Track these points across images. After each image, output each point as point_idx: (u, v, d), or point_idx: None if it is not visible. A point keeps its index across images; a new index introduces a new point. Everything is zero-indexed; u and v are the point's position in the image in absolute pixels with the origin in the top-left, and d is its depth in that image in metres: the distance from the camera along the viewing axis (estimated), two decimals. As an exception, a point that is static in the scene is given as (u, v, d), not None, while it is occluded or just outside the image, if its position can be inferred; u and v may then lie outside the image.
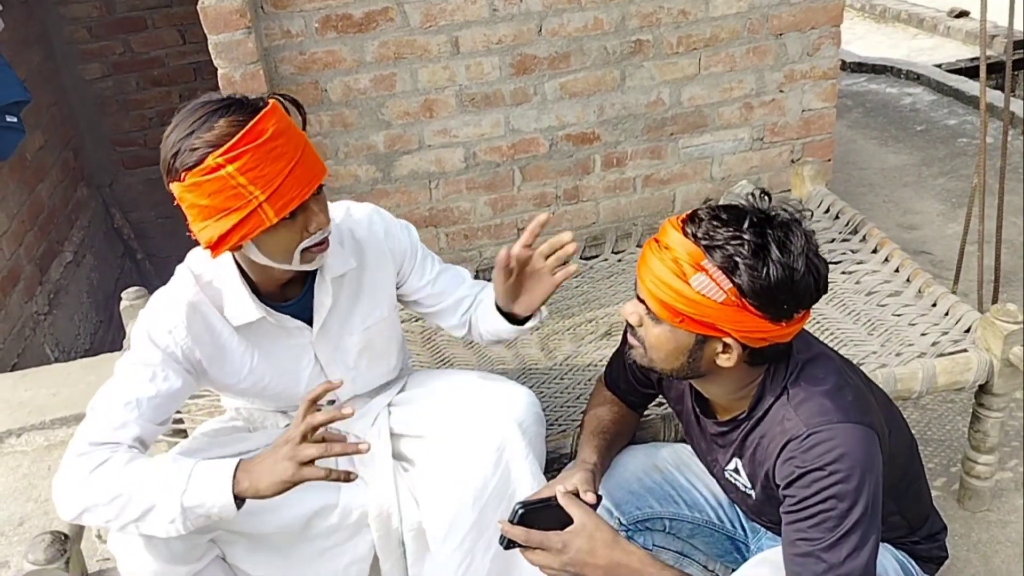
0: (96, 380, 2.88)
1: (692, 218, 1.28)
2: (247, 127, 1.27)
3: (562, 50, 2.76)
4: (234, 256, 1.46)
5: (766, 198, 1.30)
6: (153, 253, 4.88)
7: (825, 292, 1.30)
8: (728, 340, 1.28)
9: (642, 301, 1.32)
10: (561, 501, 1.34)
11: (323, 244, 1.43)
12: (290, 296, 1.53)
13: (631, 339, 1.38)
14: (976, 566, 1.99)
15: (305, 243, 1.39)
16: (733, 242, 1.22)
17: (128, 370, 1.43)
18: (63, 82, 4.47)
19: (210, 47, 2.40)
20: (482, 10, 2.64)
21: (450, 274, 1.72)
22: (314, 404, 1.32)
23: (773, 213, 1.27)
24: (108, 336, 4.21)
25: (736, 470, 1.47)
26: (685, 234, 1.26)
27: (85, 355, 3.68)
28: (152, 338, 1.43)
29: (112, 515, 1.32)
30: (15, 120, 3.27)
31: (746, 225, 1.23)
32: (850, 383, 1.35)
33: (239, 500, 1.31)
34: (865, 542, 1.27)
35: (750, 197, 1.30)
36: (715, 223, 1.24)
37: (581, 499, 1.38)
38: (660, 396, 1.67)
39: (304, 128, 1.39)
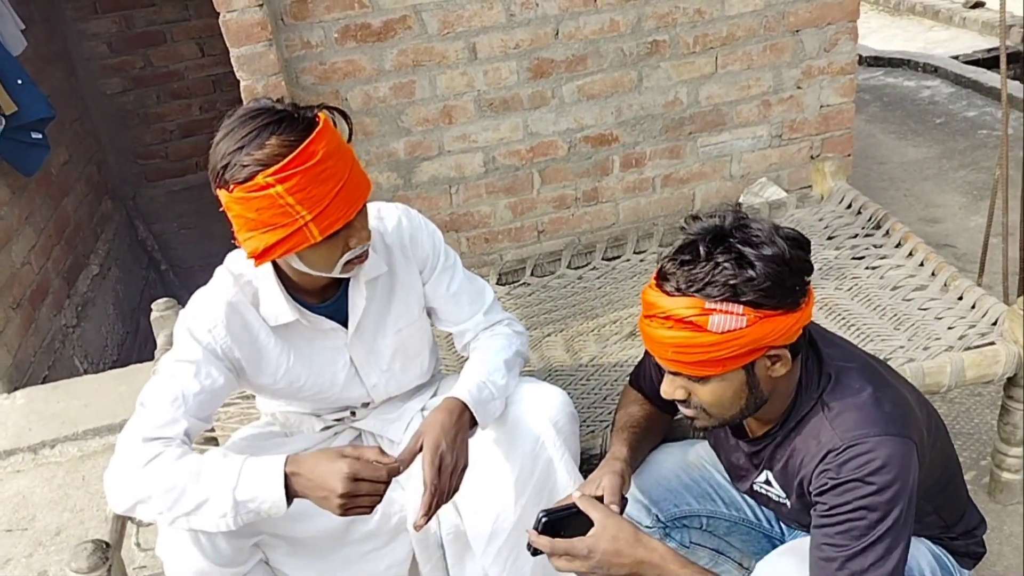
0: (126, 391, 2.94)
1: (664, 277, 1.27)
2: (298, 149, 1.29)
3: (579, 53, 2.77)
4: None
5: (697, 218, 1.29)
6: (177, 264, 4.93)
7: (809, 249, 1.30)
8: (772, 352, 1.28)
9: (675, 375, 1.32)
10: (580, 505, 1.36)
11: (363, 256, 1.46)
12: (326, 298, 1.56)
13: (687, 411, 1.37)
14: (1009, 559, 1.98)
15: (346, 257, 1.42)
16: (715, 272, 1.22)
17: (173, 367, 1.46)
18: (85, 97, 4.53)
19: (232, 59, 2.43)
20: (499, 15, 2.66)
21: (467, 299, 1.70)
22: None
23: (720, 225, 1.26)
24: (135, 347, 4.26)
25: (767, 482, 1.48)
26: (670, 294, 1.26)
27: (113, 366, 3.72)
28: (194, 335, 1.46)
29: (165, 507, 1.35)
30: (40, 137, 3.32)
31: (712, 249, 1.23)
32: (888, 391, 1.34)
33: (289, 497, 1.34)
34: (892, 551, 1.27)
35: (686, 224, 1.29)
36: (687, 267, 1.24)
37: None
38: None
39: (350, 139, 1.41)
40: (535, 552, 1.35)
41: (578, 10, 2.70)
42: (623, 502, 1.44)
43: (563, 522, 1.35)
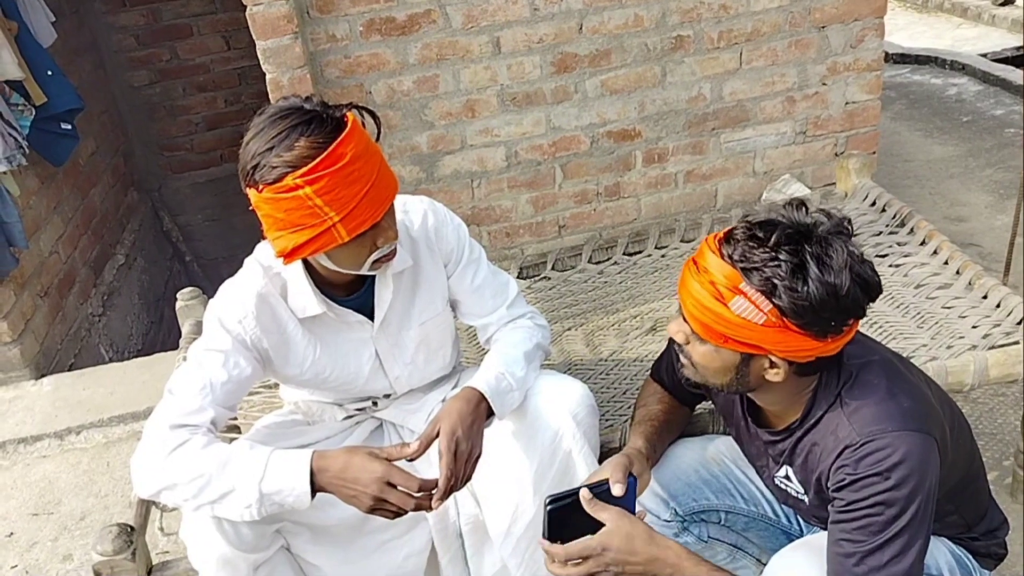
0: (150, 379, 2.98)
1: (728, 238, 1.26)
2: (327, 151, 1.29)
3: (603, 48, 2.77)
4: None
5: (803, 208, 1.27)
6: (201, 255, 4.98)
7: (877, 297, 1.26)
8: (774, 358, 1.27)
9: (686, 320, 1.32)
10: (588, 509, 1.34)
11: (391, 255, 1.47)
12: (353, 291, 1.57)
13: (681, 357, 1.39)
14: (1031, 561, 1.97)
15: (374, 256, 1.43)
16: (771, 264, 1.20)
17: (201, 356, 1.48)
18: (112, 89, 4.58)
19: (258, 52, 2.46)
20: (523, 10, 2.66)
21: (490, 293, 1.71)
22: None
23: (811, 226, 1.24)
24: (159, 336, 4.31)
25: (787, 477, 1.47)
26: (722, 256, 1.25)
27: (138, 355, 3.77)
28: (224, 325, 1.48)
29: (191, 494, 1.37)
30: (70, 127, 3.37)
31: (783, 243, 1.21)
32: (907, 388, 1.33)
33: (314, 491, 1.36)
34: (910, 547, 1.26)
35: (787, 208, 1.27)
36: (751, 243, 1.23)
37: (607, 487, 1.37)
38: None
39: (378, 138, 1.42)
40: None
41: (602, 5, 2.70)
42: (627, 487, 1.42)
43: (571, 517, 1.34)
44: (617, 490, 1.39)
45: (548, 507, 1.33)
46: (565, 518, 1.34)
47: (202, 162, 4.91)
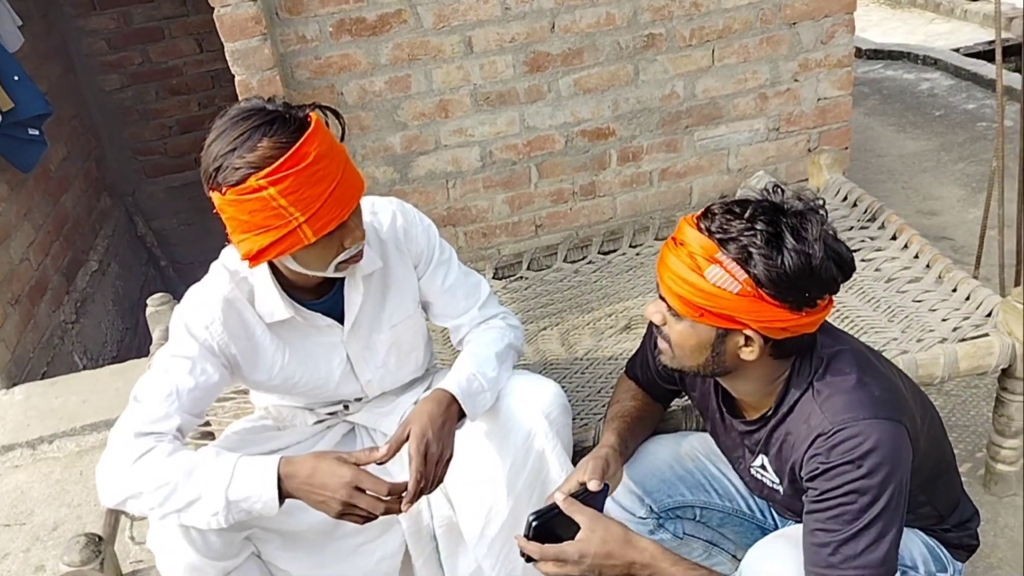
0: (124, 386, 2.94)
1: (706, 214, 1.29)
2: (290, 151, 1.28)
3: (575, 46, 2.77)
4: None
5: (780, 190, 1.31)
6: (176, 260, 4.94)
7: (851, 275, 1.29)
8: (749, 332, 1.28)
9: (664, 300, 1.33)
10: (564, 509, 1.35)
11: (357, 256, 1.46)
12: (321, 294, 1.56)
13: (659, 343, 1.39)
14: (1004, 551, 1.98)
15: (341, 257, 1.42)
16: (746, 233, 1.23)
17: (168, 362, 1.46)
18: (83, 94, 4.53)
19: (227, 54, 2.43)
20: (494, 9, 2.65)
21: (462, 293, 1.70)
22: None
23: (787, 204, 1.28)
24: (134, 343, 4.27)
25: (763, 466, 1.48)
26: (699, 229, 1.27)
27: (112, 362, 3.73)
28: (190, 331, 1.47)
29: (156, 503, 1.35)
30: (37, 133, 3.32)
31: (759, 215, 1.24)
32: (878, 377, 1.35)
33: (281, 497, 1.34)
34: (884, 536, 1.27)
35: (764, 191, 1.31)
36: (728, 216, 1.26)
37: (587, 489, 1.39)
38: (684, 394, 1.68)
39: (343, 137, 1.41)
40: (528, 559, 1.35)
41: (574, 4, 2.70)
42: (604, 486, 1.43)
43: (554, 522, 1.35)
44: (594, 485, 1.39)
45: (533, 523, 1.33)
46: (545, 532, 1.34)
47: (176, 166, 4.87)
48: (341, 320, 1.58)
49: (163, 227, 4.91)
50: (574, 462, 1.67)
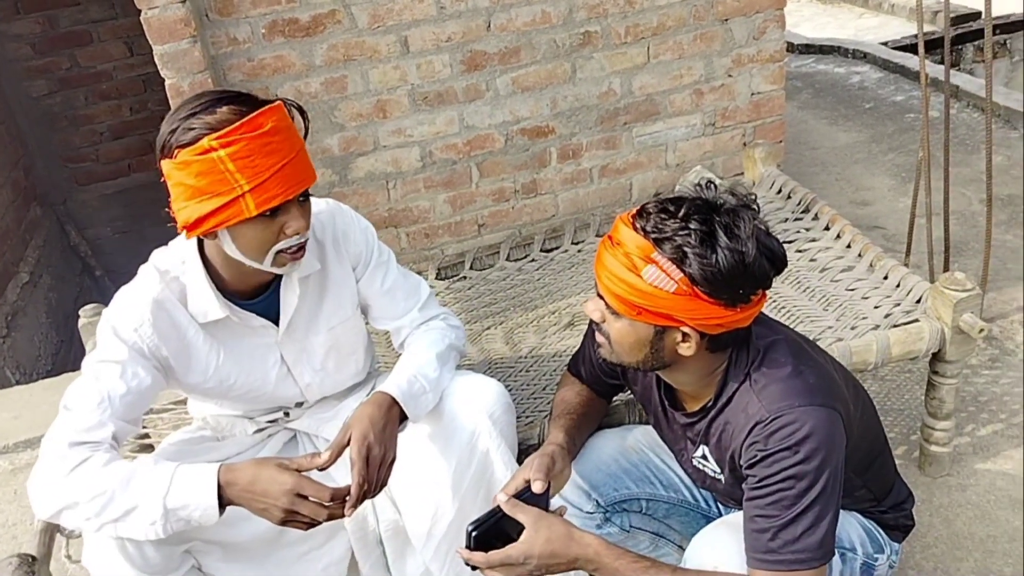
0: (58, 401, 2.84)
1: (641, 213, 1.30)
2: (247, 117, 1.30)
3: (512, 45, 2.77)
4: (201, 253, 1.47)
5: (712, 186, 1.32)
6: (112, 269, 4.81)
7: (783, 270, 1.32)
8: (686, 329, 1.30)
9: (602, 298, 1.34)
10: (507, 510, 1.35)
11: (298, 253, 1.44)
12: (257, 295, 1.54)
13: (598, 337, 1.41)
14: (939, 529, 2.05)
15: (280, 245, 1.40)
16: (681, 233, 1.24)
17: (97, 368, 1.43)
18: (9, 101, 4.38)
19: (156, 58, 2.38)
20: (429, 8, 2.64)
21: (401, 295, 1.70)
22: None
23: (720, 201, 1.29)
24: (70, 355, 4.15)
25: (704, 456, 1.50)
26: (635, 229, 1.28)
27: (47, 376, 3.62)
28: (119, 335, 1.43)
29: (92, 513, 1.32)
30: (-40, 141, 3.21)
31: (693, 214, 1.26)
32: (812, 365, 1.38)
33: (221, 505, 1.32)
34: (821, 519, 1.30)
35: (697, 187, 1.33)
36: (662, 215, 1.27)
37: (529, 489, 1.39)
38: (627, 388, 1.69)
39: (306, 136, 1.42)
40: (473, 568, 1.34)
41: (509, 2, 2.70)
42: (548, 485, 1.43)
43: (493, 529, 1.34)
44: (538, 487, 1.39)
45: (473, 534, 1.32)
46: (488, 537, 1.34)
47: (109, 172, 4.74)
48: (277, 322, 1.56)
49: (97, 236, 4.78)
50: (519, 461, 1.67)
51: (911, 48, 5.68)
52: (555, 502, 1.51)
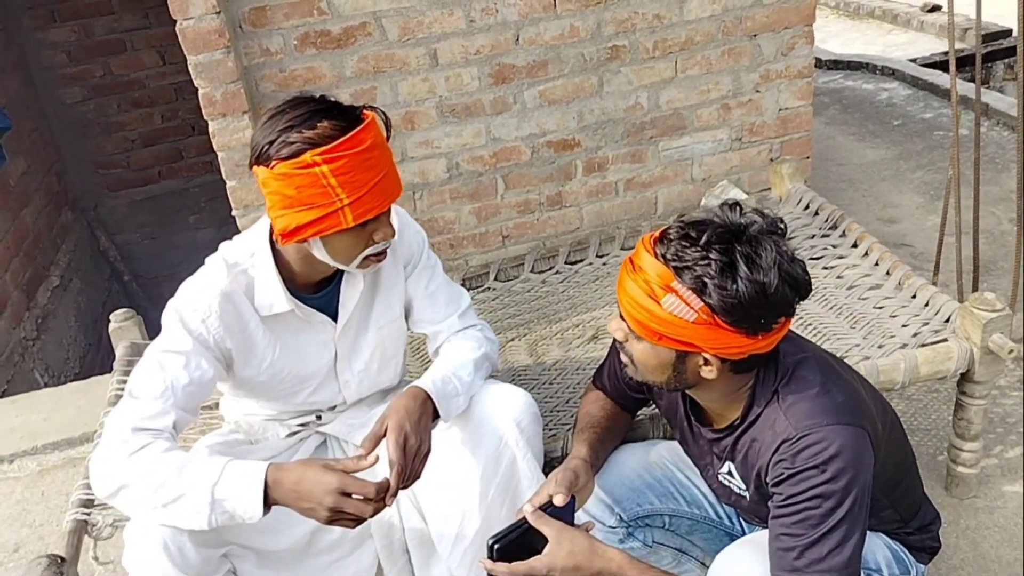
0: (86, 404, 2.90)
1: (663, 238, 1.29)
2: (350, 134, 1.34)
3: (540, 58, 2.78)
4: (272, 246, 1.50)
5: (738, 208, 1.30)
6: (140, 274, 4.88)
7: (807, 296, 1.30)
8: (707, 355, 1.30)
9: (624, 318, 1.34)
10: (531, 521, 1.35)
11: (382, 256, 1.49)
12: (318, 291, 1.58)
13: (622, 356, 1.41)
14: (965, 552, 2.02)
15: (369, 251, 1.45)
16: (701, 263, 1.23)
17: (162, 357, 1.45)
18: (44, 107, 4.47)
19: (190, 67, 2.42)
20: (459, 22, 2.66)
21: (444, 299, 1.73)
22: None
23: (742, 226, 1.27)
24: (97, 359, 4.21)
25: (730, 473, 1.50)
26: (656, 255, 1.27)
27: (75, 379, 3.67)
28: (186, 325, 1.46)
29: (146, 495, 1.35)
30: (-4, 147, 3.28)
31: (714, 243, 1.24)
32: (840, 383, 1.37)
33: (267, 504, 1.34)
34: (848, 539, 1.29)
35: (722, 208, 1.30)
36: (683, 243, 1.25)
37: (553, 503, 1.39)
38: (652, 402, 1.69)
39: (388, 139, 1.45)
40: None
41: (538, 16, 2.72)
42: (572, 498, 1.43)
43: (517, 541, 1.34)
44: (559, 500, 1.39)
45: (495, 547, 1.32)
46: (511, 549, 1.34)
47: (140, 179, 4.81)
48: (334, 318, 1.60)
49: (126, 241, 4.85)
50: (545, 472, 1.68)
51: (940, 65, 5.64)
52: (580, 517, 1.52)
